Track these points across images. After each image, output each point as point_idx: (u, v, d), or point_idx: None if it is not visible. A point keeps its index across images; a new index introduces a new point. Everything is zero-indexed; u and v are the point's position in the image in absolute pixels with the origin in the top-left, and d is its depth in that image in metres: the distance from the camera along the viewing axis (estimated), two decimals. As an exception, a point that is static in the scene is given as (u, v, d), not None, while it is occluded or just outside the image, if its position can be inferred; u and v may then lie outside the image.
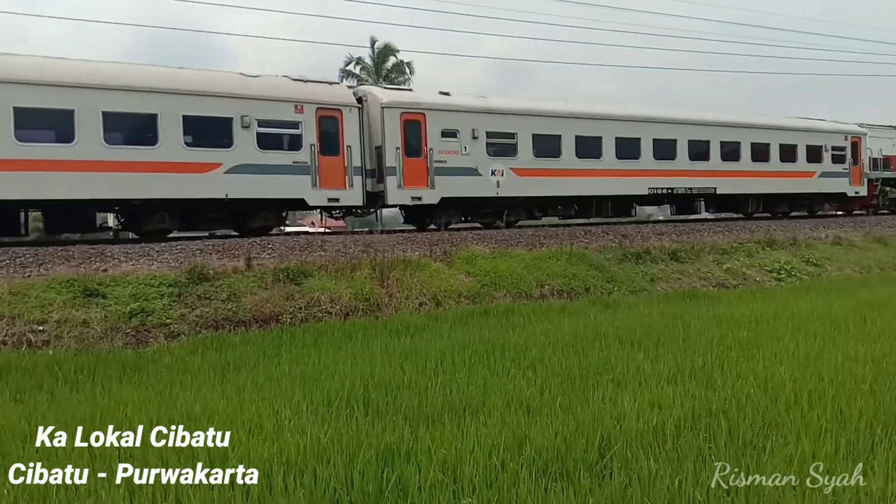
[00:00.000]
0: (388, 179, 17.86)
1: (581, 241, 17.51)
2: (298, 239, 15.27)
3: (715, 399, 5.98)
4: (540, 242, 17.00)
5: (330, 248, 14.28)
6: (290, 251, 13.95)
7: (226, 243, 14.06)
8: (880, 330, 9.31)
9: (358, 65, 44.95)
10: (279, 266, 12.62)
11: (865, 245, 22.04)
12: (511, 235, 17.50)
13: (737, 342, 8.62)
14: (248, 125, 15.95)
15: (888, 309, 11.12)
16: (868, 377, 6.59)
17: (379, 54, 45.15)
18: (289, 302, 11.73)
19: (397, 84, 38.28)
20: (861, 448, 4.81)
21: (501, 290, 13.79)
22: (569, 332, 9.62)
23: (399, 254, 14.24)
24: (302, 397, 6.35)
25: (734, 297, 13.85)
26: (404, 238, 16.01)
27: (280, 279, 12.19)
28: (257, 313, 11.35)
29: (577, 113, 21.49)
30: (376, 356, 8.26)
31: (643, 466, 4.45)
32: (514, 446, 4.87)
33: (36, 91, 13.87)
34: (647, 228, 20.16)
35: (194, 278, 11.76)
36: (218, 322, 11.03)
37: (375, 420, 5.67)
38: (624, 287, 15.12)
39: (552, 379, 6.88)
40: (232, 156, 15.80)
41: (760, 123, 25.95)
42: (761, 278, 17.43)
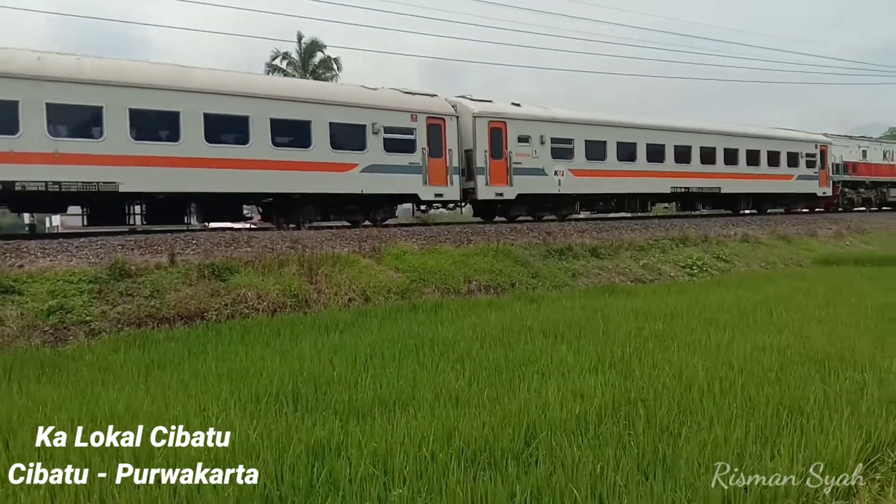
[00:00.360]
0: (477, 178, 20.74)
1: (507, 238, 17.83)
2: (224, 235, 14.97)
3: (633, 388, 6.25)
4: (467, 239, 17.22)
5: (256, 245, 14.07)
6: (215, 247, 13.67)
7: (148, 239, 13.65)
8: (785, 322, 9.82)
9: (285, 59, 44.22)
10: (204, 262, 12.37)
11: (771, 242, 23.28)
12: (439, 232, 17.66)
13: (653, 334, 8.97)
14: (378, 131, 18.65)
15: (792, 302, 11.76)
16: (774, 366, 6.99)
17: (306, 49, 44.51)
18: (214, 298, 11.52)
19: (324, 80, 37.97)
20: (769, 432, 5.09)
21: (430, 285, 13.93)
22: (496, 326, 9.82)
23: (328, 250, 14.16)
24: (230, 394, 6.30)
25: (650, 292, 14.38)
26: (333, 234, 15.94)
27: (205, 275, 11.95)
28: (182, 310, 11.10)
29: (619, 122, 24.93)
30: (305, 352, 8.23)
31: (567, 453, 4.62)
32: (444, 437, 4.98)
33: (220, 100, 16.29)
34: (569, 226, 20.66)
35: (115, 274, 11.40)
36: (141, 319, 10.74)
37: (305, 415, 5.69)
38: (548, 282, 15.51)
39: (480, 371, 7.03)
40: (366, 157, 18.48)
41: (753, 133, 30.14)
42: (675, 273, 18.16)
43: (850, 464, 4.55)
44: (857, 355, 7.40)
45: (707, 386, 6.26)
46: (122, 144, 14.85)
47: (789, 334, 8.78)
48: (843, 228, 27.87)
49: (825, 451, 4.66)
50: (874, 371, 6.76)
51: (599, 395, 5.98)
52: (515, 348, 8.19)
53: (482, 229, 18.70)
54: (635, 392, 6.12)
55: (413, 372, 7.10)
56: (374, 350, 8.21)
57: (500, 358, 7.63)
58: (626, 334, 8.94)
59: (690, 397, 5.94)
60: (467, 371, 7.06)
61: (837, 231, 27.30)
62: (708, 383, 6.34)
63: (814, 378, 6.55)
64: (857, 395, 5.97)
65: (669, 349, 7.99)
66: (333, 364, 7.50)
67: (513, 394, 6.18)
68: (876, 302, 11.34)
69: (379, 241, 15.33)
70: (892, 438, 5.06)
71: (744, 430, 5.06)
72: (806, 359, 7.34)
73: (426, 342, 8.64)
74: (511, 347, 8.25)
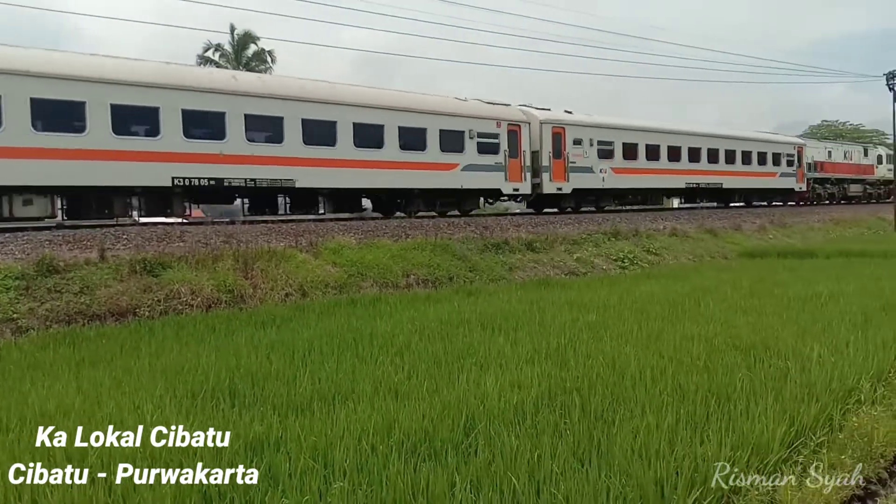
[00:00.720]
0: (542, 175, 24.92)
1: (444, 232, 17.91)
2: (156, 229, 14.56)
3: (569, 378, 6.38)
4: (405, 233, 17.22)
5: (189, 239, 13.74)
6: (146, 242, 13.29)
7: (77, 234, 13.18)
8: (712, 312, 10.14)
9: (217, 51, 43.17)
10: (135, 257, 12.01)
11: (698, 236, 24.09)
12: (377, 226, 17.61)
13: (587, 325, 9.16)
14: (473, 137, 22.63)
15: (718, 293, 12.16)
16: (702, 354, 7.21)
17: (239, 41, 43.57)
18: (146, 294, 11.22)
19: (259, 72, 37.31)
20: (698, 418, 5.26)
21: (368, 279, 13.89)
22: (434, 319, 9.87)
23: (263, 245, 13.94)
24: (165, 391, 6.16)
25: (584, 284, 14.66)
26: (268, 229, 15.70)
27: (137, 271, 11.63)
28: (113, 306, 10.78)
29: (647, 127, 29.93)
30: (241, 348, 8.11)
31: (505, 443, 4.69)
32: (384, 430, 4.99)
33: (364, 112, 19.94)
34: (506, 220, 20.94)
35: (43, 270, 10.98)
36: (70, 316, 10.40)
37: (242, 411, 5.61)
38: (485, 276, 15.67)
39: (419, 364, 7.06)
40: (464, 158, 22.46)
41: (747, 137, 36.25)
42: (607, 266, 18.61)
43: (775, 447, 4.75)
44: (781, 343, 7.69)
45: (639, 375, 6.43)
46: (297, 148, 18.35)
47: (716, 324, 9.05)
48: (767, 223, 29.07)
49: (751, 435, 4.82)
50: (796, 358, 7.04)
51: (536, 385, 6.09)
52: (454, 341, 8.25)
53: (420, 223, 18.74)
54: (571, 381, 6.23)
55: (352, 366, 7.08)
56: (313, 345, 8.15)
57: (439, 351, 7.68)
58: (561, 326, 9.10)
59: (623, 386, 6.09)
60: (407, 364, 7.08)
61: (761, 225, 28.45)
62: (640, 372, 6.50)
63: (740, 366, 6.78)
64: (780, 381, 6.19)
65: (603, 339, 8.16)
66: (271, 359, 7.42)
67: (452, 385, 6.22)
68: (797, 292, 11.84)
69: (316, 236, 15.19)
70: (814, 422, 5.29)
71: (674, 417, 5.20)
72: (732, 347, 7.60)
73: (365, 336, 8.62)
74: (450, 340, 8.30)
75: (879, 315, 9.57)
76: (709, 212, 30.59)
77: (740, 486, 4.29)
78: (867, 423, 5.43)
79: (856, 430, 5.33)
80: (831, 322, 9.02)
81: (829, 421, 5.46)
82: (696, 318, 9.68)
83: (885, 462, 5.21)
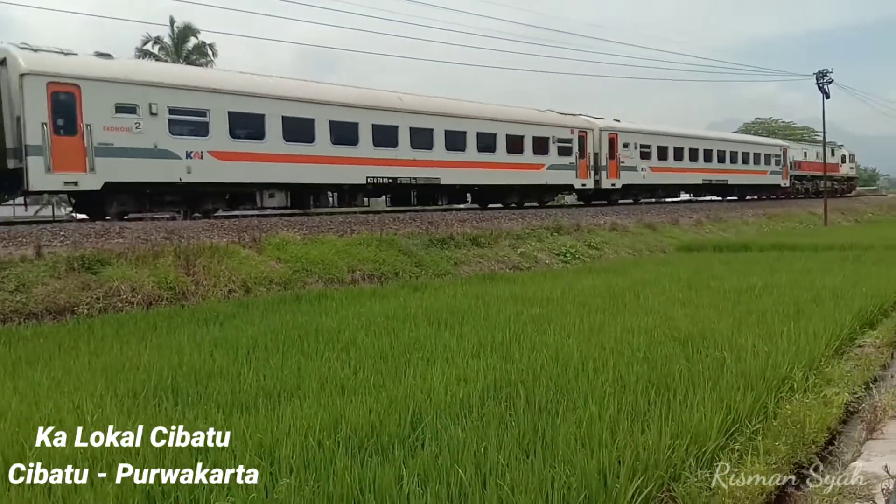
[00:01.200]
0: (602, 173, 30.37)
1: (390, 227, 17.88)
2: (94, 225, 14.12)
3: (514, 370, 6.46)
4: (351, 229, 17.12)
5: (129, 235, 13.38)
6: (84, 238, 12.87)
7: (11, 231, 12.70)
8: (651, 304, 10.39)
9: (156, 44, 41.99)
10: (73, 254, 11.64)
11: (637, 230, 24.65)
12: (322, 222, 17.45)
13: (531, 318, 9.28)
14: (554, 142, 27.87)
15: (657, 286, 12.46)
16: (643, 346, 7.39)
17: (179, 34, 42.44)
18: (85, 292, 10.90)
19: (199, 65, 36.48)
20: (639, 409, 5.38)
21: (313, 275, 13.77)
22: (380, 314, 9.86)
23: (205, 240, 13.67)
24: (105, 390, 6.00)
25: (527, 278, 14.88)
26: (210, 224, 15.41)
27: (74, 268, 11.28)
28: (50, 305, 10.47)
29: (674, 132, 36.55)
30: (184, 345, 7.95)
31: (452, 436, 4.72)
32: (331, 426, 4.97)
33: (484, 124, 25.70)
34: (451, 215, 21.00)
35: (-25, 268, 10.53)
36: (6, 315, 10.07)
37: (186, 409, 5.51)
38: (431, 271, 15.71)
39: (366, 360, 7.05)
40: (549, 160, 27.82)
41: (744, 140, 44.56)
42: (550, 261, 18.89)
43: (713, 435, 4.90)
44: (717, 334, 7.92)
45: (581, 366, 6.54)
46: (441, 153, 23.78)
47: (656, 316, 9.27)
48: (703, 217, 29.94)
49: (690, 424, 4.96)
50: (732, 349, 7.27)
51: (482, 379, 6.14)
52: (400, 336, 8.26)
53: (365, 219, 18.66)
54: (515, 374, 6.31)
55: (297, 362, 7.02)
56: (257, 341, 8.05)
57: (386, 346, 7.68)
58: (505, 319, 9.19)
59: (566, 377, 6.19)
60: (353, 360, 7.06)
61: (697, 220, 29.28)
62: (582, 364, 6.62)
63: (678, 356, 6.96)
64: (717, 371, 6.38)
65: (546, 332, 8.28)
66: (214, 357, 7.30)
67: (398, 380, 6.24)
68: (732, 285, 12.21)
69: (259, 231, 14.97)
70: (749, 411, 5.48)
71: (616, 407, 5.31)
72: (671, 339, 7.79)
73: (310, 332, 8.56)
74: (396, 335, 8.31)
75: (810, 306, 9.95)
76: (647, 206, 31.46)
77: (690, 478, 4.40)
78: (800, 411, 5.63)
79: (789, 417, 5.53)
80: (765, 313, 9.34)
81: (764, 409, 5.65)
82: (637, 310, 9.89)
83: (816, 448, 5.44)
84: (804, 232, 30.93)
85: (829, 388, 6.66)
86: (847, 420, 6.26)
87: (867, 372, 7.51)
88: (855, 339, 8.81)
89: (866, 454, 5.03)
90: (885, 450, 5.08)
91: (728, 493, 4.33)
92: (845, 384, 6.86)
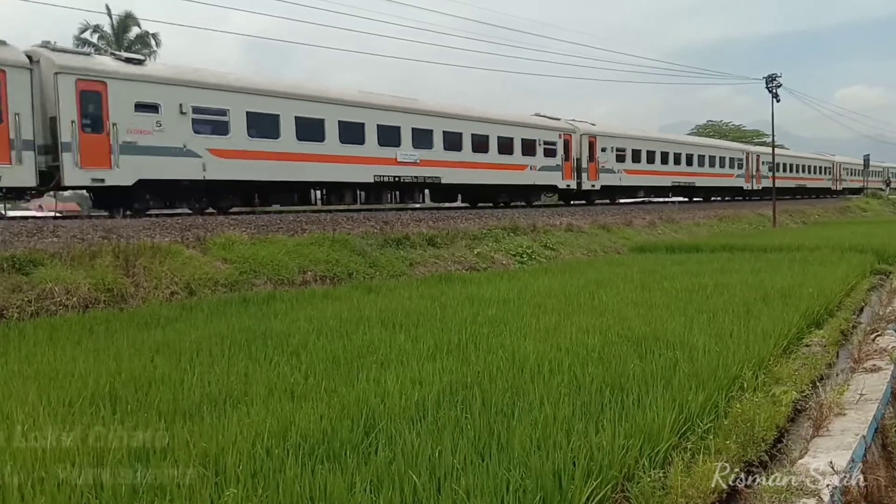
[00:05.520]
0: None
1: (343, 227, 17.62)
2: (26, 224, 13.49)
3: (470, 373, 6.38)
4: (302, 228, 16.81)
5: (64, 234, 12.83)
6: (15, 237, 12.28)
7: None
8: (606, 305, 10.47)
9: (96, 33, 40.67)
10: (3, 254, 11.09)
11: (592, 231, 24.89)
12: (271, 221, 17.07)
13: (487, 320, 9.24)
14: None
15: (611, 287, 12.57)
16: (597, 346, 7.42)
17: (119, 23, 41.22)
18: (15, 294, 10.39)
19: (141, 54, 35.49)
20: (594, 409, 5.36)
21: (262, 276, 13.44)
22: (333, 317, 9.66)
23: (146, 240, 13.22)
24: (38, 398, 5.68)
25: (484, 279, 14.82)
26: (152, 223, 14.89)
27: (4, 269, 10.75)
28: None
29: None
30: (123, 350, 7.64)
31: (407, 440, 4.61)
32: (279, 433, 4.81)
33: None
34: (407, 215, 20.83)
35: None
36: (-74, 319, 9.44)
37: (125, 418, 5.25)
38: (385, 272, 15.52)
39: (317, 364, 6.87)
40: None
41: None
42: (507, 261, 18.89)
43: (666, 434, 4.90)
44: (670, 334, 8.02)
45: (537, 367, 6.53)
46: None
47: (610, 317, 9.34)
48: (656, 218, 30.45)
49: (644, 423, 4.97)
50: (684, 348, 7.35)
51: (438, 382, 6.05)
52: (354, 339, 8.10)
53: (317, 218, 18.32)
54: (472, 376, 6.24)
55: (245, 367, 6.80)
56: (201, 346, 7.78)
57: (338, 349, 7.51)
58: (462, 321, 9.13)
59: (522, 379, 6.16)
60: (303, 364, 6.88)
61: (651, 221, 29.73)
62: (538, 365, 6.60)
63: (632, 356, 7.00)
64: (670, 371, 6.44)
65: (502, 334, 8.25)
66: (155, 362, 7.03)
67: (351, 385, 6.10)
68: (684, 285, 12.39)
69: (204, 231, 14.56)
70: (701, 410, 5.53)
71: (571, 408, 5.30)
72: (625, 339, 7.85)
73: (258, 336, 8.34)
74: (349, 338, 8.15)
75: (760, 306, 10.14)
76: (602, 208, 31.80)
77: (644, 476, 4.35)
78: (750, 409, 5.73)
79: (739, 416, 5.60)
80: (716, 313, 9.49)
81: (715, 408, 5.72)
82: (591, 311, 9.95)
83: (765, 445, 5.50)
84: (754, 233, 31.71)
85: (778, 386, 6.80)
86: (795, 418, 6.42)
87: (814, 371, 7.70)
88: (802, 338, 9.03)
89: (813, 451, 5.10)
90: (831, 446, 5.17)
91: (681, 493, 4.32)
92: (793, 383, 7.02)
